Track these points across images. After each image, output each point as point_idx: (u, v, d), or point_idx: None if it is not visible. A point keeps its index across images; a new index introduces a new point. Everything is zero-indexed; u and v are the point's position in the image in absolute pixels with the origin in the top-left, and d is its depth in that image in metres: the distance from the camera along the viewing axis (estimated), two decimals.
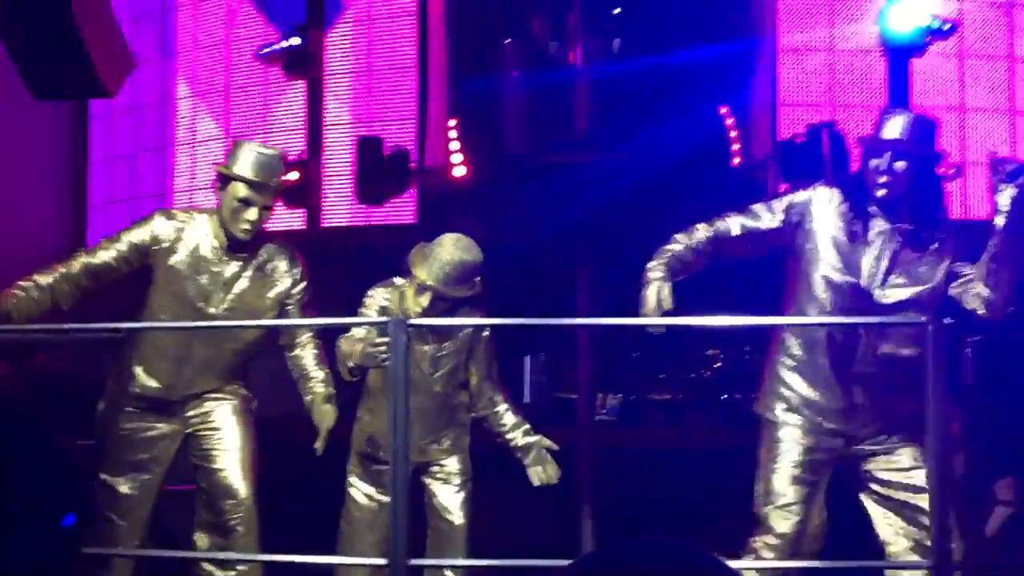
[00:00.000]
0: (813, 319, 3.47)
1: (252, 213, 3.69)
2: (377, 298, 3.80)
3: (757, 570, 3.39)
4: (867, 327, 3.37)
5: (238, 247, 3.76)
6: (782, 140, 6.78)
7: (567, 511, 5.20)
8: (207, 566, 3.78)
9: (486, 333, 3.87)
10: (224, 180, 3.72)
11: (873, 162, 3.38)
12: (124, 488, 3.78)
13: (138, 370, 3.79)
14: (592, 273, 5.88)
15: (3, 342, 4.57)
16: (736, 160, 6.48)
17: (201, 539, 3.81)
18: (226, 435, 3.78)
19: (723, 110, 6.78)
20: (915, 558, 3.36)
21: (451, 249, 3.71)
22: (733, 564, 3.28)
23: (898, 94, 6.87)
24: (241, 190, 3.68)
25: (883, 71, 6.93)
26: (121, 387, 3.83)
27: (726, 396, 6.44)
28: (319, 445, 3.62)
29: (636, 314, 3.46)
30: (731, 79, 6.91)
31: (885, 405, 3.43)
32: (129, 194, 8.67)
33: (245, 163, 3.70)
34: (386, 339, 3.34)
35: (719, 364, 6.62)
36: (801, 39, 7.15)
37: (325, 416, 3.67)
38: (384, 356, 3.41)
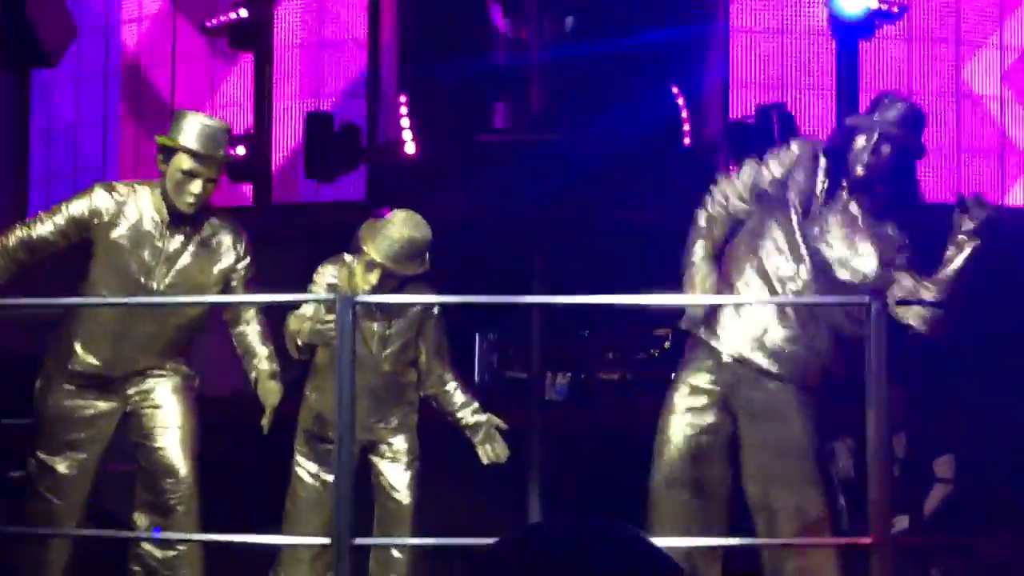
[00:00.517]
0: (768, 298, 3.50)
1: (196, 186, 3.61)
2: (325, 275, 3.76)
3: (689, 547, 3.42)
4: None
5: (181, 221, 3.68)
6: (732, 121, 6.82)
7: (516, 490, 5.20)
8: (146, 546, 3.72)
9: (436, 311, 3.84)
10: (167, 152, 3.63)
11: (861, 141, 3.47)
12: (61, 467, 3.71)
13: (77, 346, 3.71)
14: (543, 251, 5.87)
15: None
16: (687, 140, 6.50)
17: (141, 519, 3.75)
18: (167, 413, 3.71)
19: (675, 90, 6.78)
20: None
21: (401, 226, 3.67)
22: (661, 542, 3.33)
23: (847, 76, 6.93)
24: (185, 162, 3.60)
25: (832, 53, 6.99)
26: (59, 364, 3.75)
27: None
28: (265, 423, 3.57)
29: (585, 292, 3.49)
30: (683, 60, 6.92)
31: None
32: (70, 167, 8.50)
33: (189, 134, 3.61)
34: (335, 316, 3.30)
35: (668, 344, 6.65)
36: (752, 21, 7.18)
37: (270, 393, 3.61)
38: (332, 334, 3.37)
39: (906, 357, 3.85)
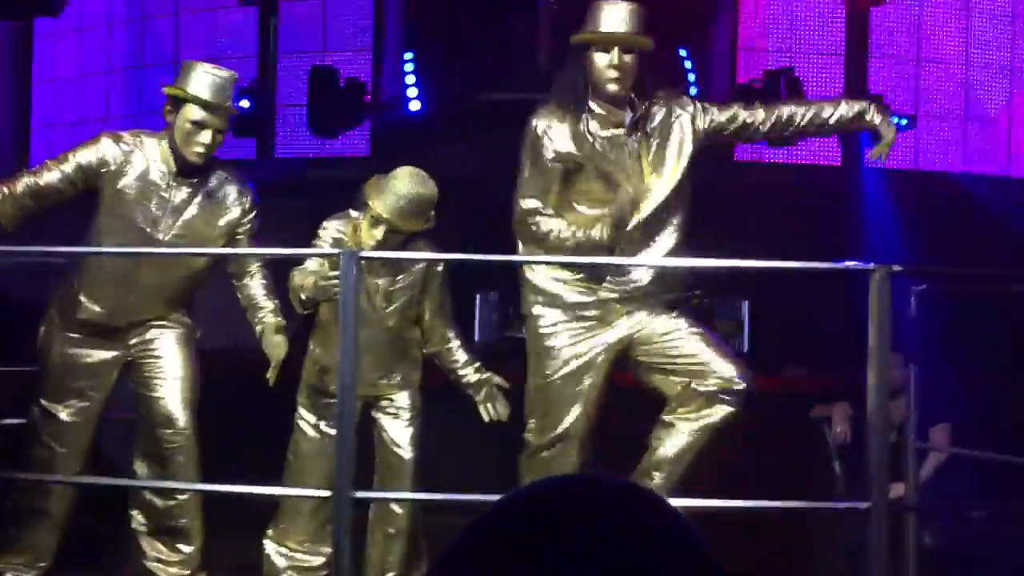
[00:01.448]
0: (755, 262, 3.48)
1: (206, 136, 3.59)
2: (331, 230, 3.75)
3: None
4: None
5: (188, 173, 3.67)
6: (740, 84, 6.77)
7: (515, 449, 5.22)
8: (147, 494, 3.75)
9: (440, 268, 3.84)
10: (175, 102, 3.61)
11: (601, 59, 3.41)
12: (64, 415, 3.73)
13: (82, 295, 3.71)
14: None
15: None
16: None
17: (141, 467, 3.78)
18: (167, 363, 3.73)
19: (683, 53, 6.73)
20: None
21: (407, 182, 3.66)
22: (675, 502, 3.36)
23: (856, 41, 6.88)
24: (195, 112, 3.58)
25: (843, 19, 6.93)
26: (63, 312, 3.75)
27: None
28: (271, 376, 3.58)
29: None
30: (691, 22, 6.86)
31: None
32: (72, 117, 8.45)
33: (199, 84, 3.59)
34: (339, 272, 3.30)
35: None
36: None
37: (276, 347, 3.62)
38: (337, 290, 3.37)
39: (905, 324, 3.86)
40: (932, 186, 6.92)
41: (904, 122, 6.73)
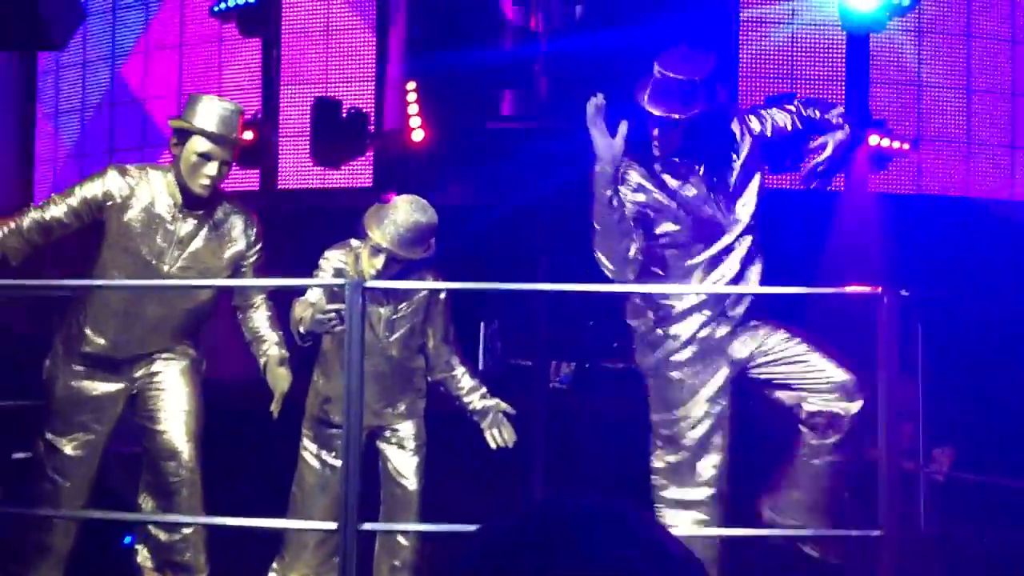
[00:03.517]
0: (762, 288, 3.50)
1: (212, 168, 3.61)
2: (332, 260, 3.76)
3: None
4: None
5: (193, 205, 3.68)
6: (742, 111, 6.79)
7: (520, 477, 5.21)
8: (152, 528, 3.73)
9: (443, 296, 3.84)
10: (181, 135, 3.63)
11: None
12: (68, 448, 3.71)
13: (87, 328, 3.71)
14: (550, 239, 5.86)
15: None
16: None
17: (146, 501, 3.76)
18: (171, 396, 3.72)
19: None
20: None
21: (406, 210, 3.67)
22: (676, 531, 3.35)
23: (857, 67, 6.91)
24: (201, 144, 3.60)
25: (842, 45, 6.97)
26: (68, 345, 3.75)
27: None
28: (274, 408, 3.57)
29: (591, 281, 3.49)
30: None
31: None
32: (77, 151, 8.50)
33: (205, 116, 3.61)
34: (337, 306, 3.30)
35: None
36: (762, 11, 7.15)
37: (280, 379, 3.61)
38: (334, 322, 3.37)
39: (916, 349, 3.86)
40: (933, 210, 6.93)
41: (906, 146, 6.75)
